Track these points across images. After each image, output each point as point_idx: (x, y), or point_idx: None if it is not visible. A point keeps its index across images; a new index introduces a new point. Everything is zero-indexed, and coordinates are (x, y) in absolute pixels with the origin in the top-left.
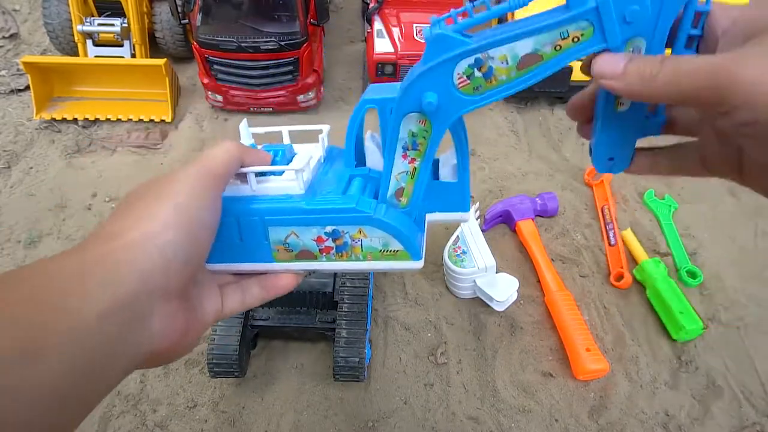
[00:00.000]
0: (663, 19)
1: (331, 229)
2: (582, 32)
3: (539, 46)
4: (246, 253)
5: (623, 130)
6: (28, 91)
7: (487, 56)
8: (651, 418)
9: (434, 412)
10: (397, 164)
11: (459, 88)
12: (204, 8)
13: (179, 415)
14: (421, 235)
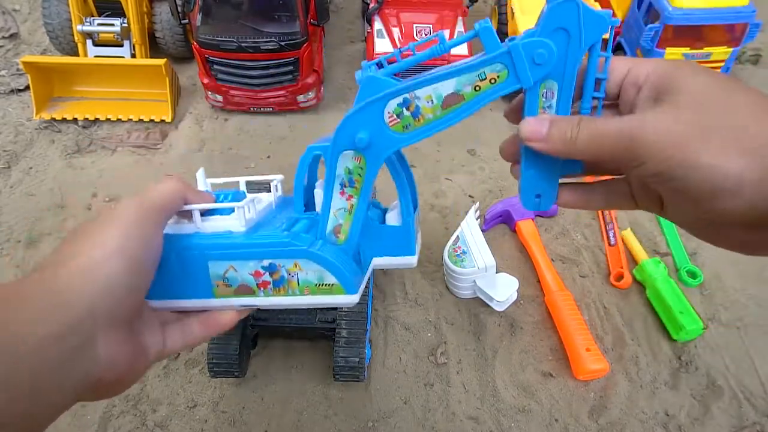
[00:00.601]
0: (570, 63)
1: (268, 263)
2: (498, 74)
3: (460, 87)
4: (187, 290)
5: (546, 168)
6: (28, 91)
7: (414, 96)
8: (651, 418)
9: (434, 412)
10: (335, 201)
11: (390, 126)
12: (204, 8)
13: (179, 415)
14: (360, 274)
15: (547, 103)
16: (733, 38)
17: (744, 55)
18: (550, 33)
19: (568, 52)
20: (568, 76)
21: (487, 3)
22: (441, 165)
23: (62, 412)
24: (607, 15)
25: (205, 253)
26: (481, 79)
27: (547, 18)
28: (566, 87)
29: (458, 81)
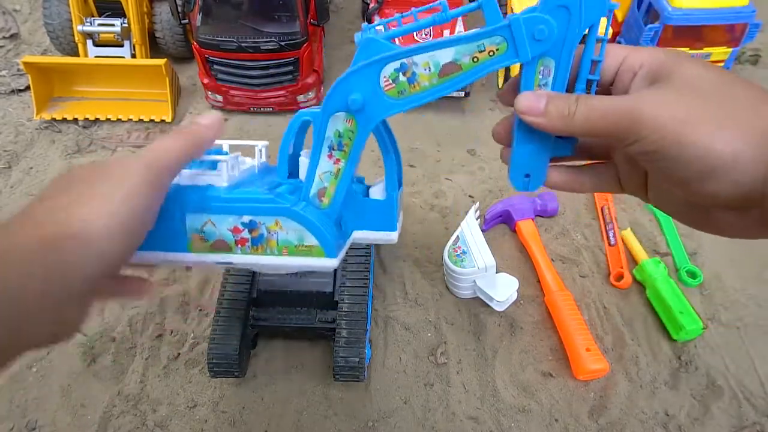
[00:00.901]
0: (568, 42)
1: (248, 219)
2: (497, 47)
3: (459, 57)
4: (161, 242)
5: (537, 147)
6: (28, 91)
7: (412, 62)
8: (651, 418)
9: (434, 412)
10: (322, 164)
11: (385, 90)
12: (204, 8)
13: (179, 415)
14: (341, 239)
15: (543, 81)
16: (733, 38)
17: (743, 56)
18: (552, 10)
19: (567, 30)
20: (565, 54)
21: None
22: (441, 165)
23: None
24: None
25: (184, 204)
26: (480, 51)
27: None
28: (563, 65)
29: (457, 50)
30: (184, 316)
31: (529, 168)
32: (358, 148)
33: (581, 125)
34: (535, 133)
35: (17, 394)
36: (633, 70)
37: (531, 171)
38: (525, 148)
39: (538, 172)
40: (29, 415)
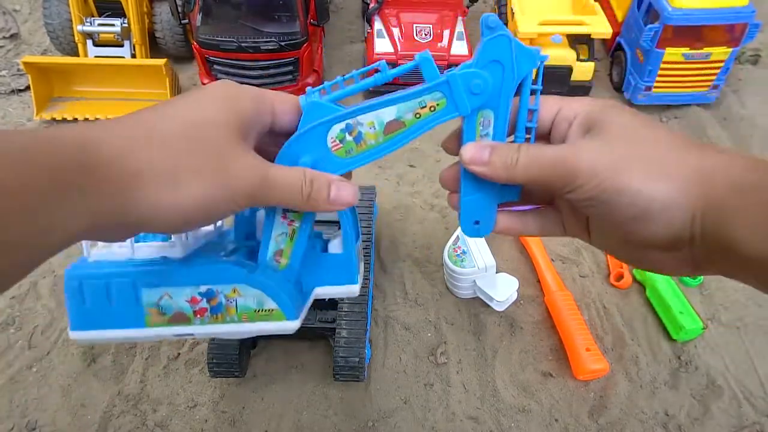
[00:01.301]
0: (504, 93)
1: (206, 289)
2: (437, 102)
3: (401, 114)
4: (116, 319)
5: (484, 195)
6: (28, 91)
7: (357, 122)
8: (651, 418)
9: (434, 412)
10: (277, 226)
11: (333, 151)
12: (204, 8)
13: (179, 415)
14: (301, 299)
15: (484, 131)
16: (733, 38)
17: (743, 56)
18: (486, 65)
19: (502, 83)
20: (503, 105)
21: (486, 3)
22: (441, 165)
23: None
24: (536, 51)
25: (138, 279)
26: (422, 107)
27: (483, 51)
28: (502, 116)
29: (399, 108)
30: None
31: (478, 215)
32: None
33: (523, 174)
34: (482, 181)
35: (17, 394)
36: (568, 120)
37: (480, 218)
38: (473, 196)
39: (487, 218)
40: (29, 415)
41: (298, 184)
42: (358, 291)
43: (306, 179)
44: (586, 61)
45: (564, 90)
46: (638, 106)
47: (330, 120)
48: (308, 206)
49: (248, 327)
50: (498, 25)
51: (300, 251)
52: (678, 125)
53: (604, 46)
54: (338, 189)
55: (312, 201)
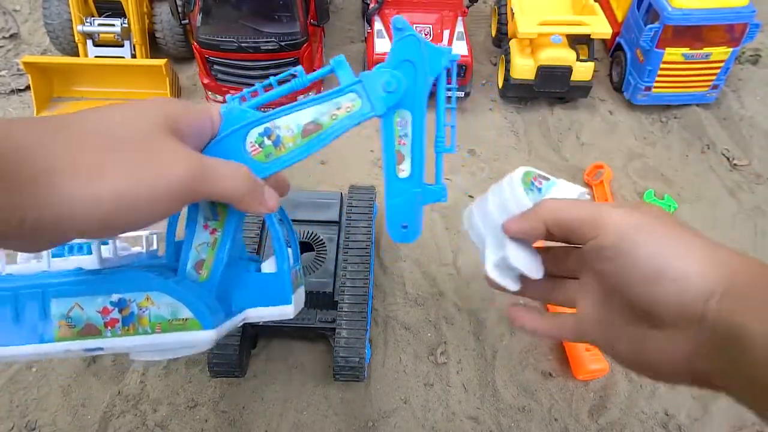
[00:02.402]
0: (419, 92)
1: (117, 298)
2: (352, 103)
3: (318, 116)
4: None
5: (409, 197)
6: (28, 91)
7: (274, 125)
8: (651, 418)
9: (434, 411)
10: (198, 235)
11: (252, 156)
12: (204, 8)
13: (179, 415)
14: (220, 311)
15: (402, 131)
16: (733, 38)
17: (744, 56)
18: (398, 64)
19: (415, 81)
20: (418, 104)
21: (486, 3)
22: None
23: None
24: (447, 50)
25: (47, 289)
26: (337, 108)
27: (393, 51)
28: (418, 115)
29: (316, 110)
30: None
31: (405, 219)
32: (232, 217)
33: (550, 216)
34: (405, 186)
35: (17, 394)
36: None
37: (408, 221)
38: (396, 200)
39: (414, 222)
40: (29, 415)
41: (239, 175)
42: (293, 313)
43: (248, 173)
44: (586, 62)
45: (564, 90)
46: (638, 106)
47: (247, 124)
48: (246, 201)
49: (162, 338)
50: (405, 26)
51: (221, 262)
52: (678, 125)
53: (604, 46)
54: (269, 193)
55: (251, 197)
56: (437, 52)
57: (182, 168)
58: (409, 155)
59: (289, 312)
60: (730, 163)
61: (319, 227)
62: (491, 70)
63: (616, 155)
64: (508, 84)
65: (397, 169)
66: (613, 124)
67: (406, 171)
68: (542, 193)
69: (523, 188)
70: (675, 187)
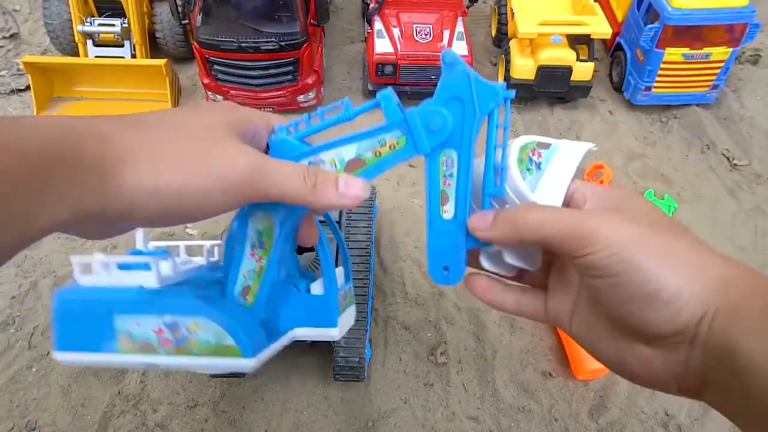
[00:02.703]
0: (467, 131)
1: (170, 320)
2: (397, 140)
3: (361, 152)
4: (94, 343)
5: (452, 239)
6: (28, 91)
7: (319, 159)
8: (651, 418)
9: (434, 411)
10: (245, 262)
11: None
12: (204, 8)
13: (179, 415)
14: (264, 338)
15: (447, 171)
16: (733, 38)
17: (743, 56)
18: (445, 102)
19: (463, 120)
20: (465, 144)
21: (486, 3)
22: None
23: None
24: (500, 87)
25: (113, 305)
26: (381, 145)
27: (441, 88)
28: (465, 155)
29: (360, 146)
30: None
31: (447, 261)
32: (278, 246)
33: (532, 233)
34: (450, 225)
35: (17, 394)
36: (584, 197)
37: (449, 264)
38: (440, 240)
39: (457, 265)
40: (29, 415)
41: (300, 172)
42: (338, 335)
43: (308, 170)
44: (586, 62)
45: (564, 90)
46: (638, 106)
47: (294, 157)
48: (315, 198)
49: (208, 361)
50: (455, 61)
51: (266, 289)
52: (678, 125)
53: (604, 46)
54: (347, 181)
55: (319, 193)
56: (489, 90)
57: (244, 162)
58: (454, 196)
59: (334, 334)
60: (730, 163)
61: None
62: (491, 70)
63: (616, 155)
64: (508, 84)
65: (441, 209)
66: (613, 124)
67: (450, 212)
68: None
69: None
70: (675, 187)
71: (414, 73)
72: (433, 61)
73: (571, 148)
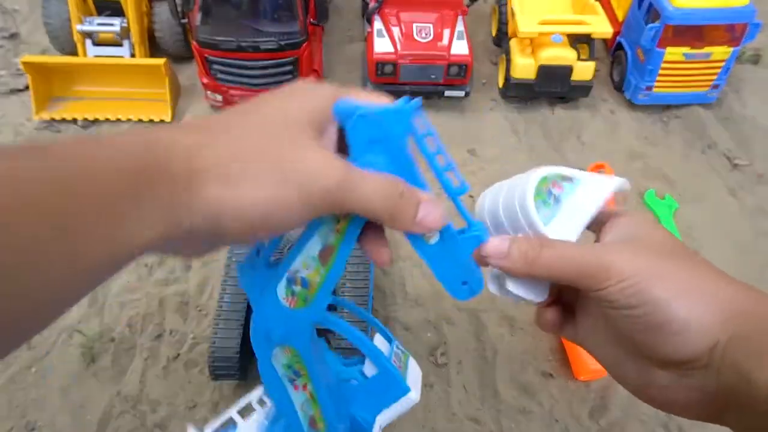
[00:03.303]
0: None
1: None
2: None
3: (324, 239)
4: None
5: (452, 258)
6: (27, 91)
7: (293, 271)
8: (651, 419)
9: (434, 412)
10: (295, 398)
11: (292, 307)
12: (204, 8)
13: (179, 416)
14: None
15: None
16: (734, 38)
17: (744, 55)
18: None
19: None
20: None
21: (487, 2)
22: None
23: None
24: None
25: None
26: (337, 222)
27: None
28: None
29: (319, 236)
30: (183, 316)
31: (461, 277)
32: (312, 364)
33: (545, 270)
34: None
35: (17, 395)
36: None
37: (466, 278)
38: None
39: (472, 276)
40: (29, 416)
41: (389, 188)
42: (417, 397)
43: (399, 187)
44: (587, 61)
45: (564, 89)
46: (639, 106)
47: (269, 284)
48: (390, 220)
49: None
50: (347, 108)
51: (330, 406)
52: (679, 125)
53: (605, 46)
54: (426, 209)
55: (396, 217)
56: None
57: (333, 174)
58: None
59: (413, 398)
60: (731, 163)
61: None
62: (491, 69)
63: (617, 155)
64: (508, 83)
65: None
66: (614, 124)
67: (434, 236)
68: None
69: (534, 203)
70: (676, 187)
71: (414, 72)
72: (433, 60)
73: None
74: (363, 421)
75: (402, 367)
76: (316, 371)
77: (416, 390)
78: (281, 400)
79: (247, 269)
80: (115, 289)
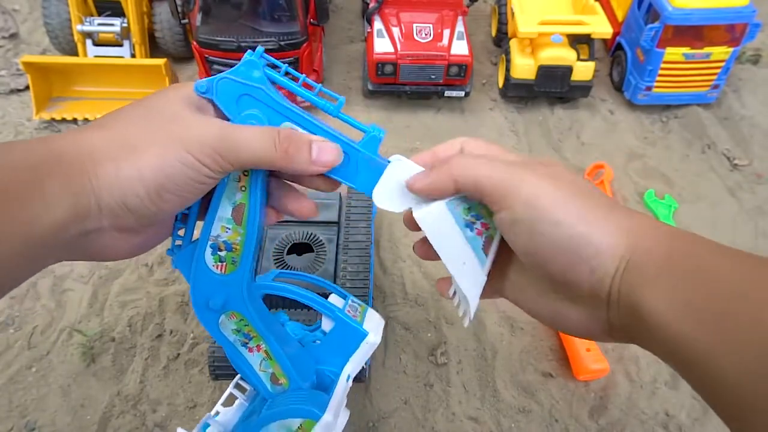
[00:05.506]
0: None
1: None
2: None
3: (233, 198)
4: None
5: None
6: (27, 91)
7: (215, 237)
8: (651, 418)
9: (434, 412)
10: (251, 360)
11: (223, 273)
12: (204, 8)
13: (179, 416)
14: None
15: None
16: (733, 38)
17: (744, 55)
18: (237, 109)
19: (259, 100)
20: (283, 109)
21: (487, 2)
22: None
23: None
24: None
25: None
26: (238, 181)
27: (222, 105)
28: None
29: (227, 196)
30: (183, 316)
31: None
32: (259, 324)
33: (456, 181)
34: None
35: (17, 394)
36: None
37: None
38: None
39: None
40: (29, 416)
41: (270, 137)
42: (376, 337)
43: (280, 134)
44: (587, 61)
45: (564, 89)
46: (639, 106)
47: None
48: (285, 163)
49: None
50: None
51: (287, 362)
52: (678, 125)
53: (605, 46)
54: (319, 148)
55: (290, 158)
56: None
57: (204, 135)
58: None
59: (371, 340)
60: (731, 163)
61: (318, 228)
62: (491, 69)
63: (616, 155)
64: (508, 84)
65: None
66: (613, 124)
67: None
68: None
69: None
70: (675, 187)
71: (414, 72)
72: (433, 60)
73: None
74: (333, 375)
75: (358, 317)
76: (263, 328)
77: (376, 333)
78: (240, 366)
79: (175, 251)
80: (115, 289)
